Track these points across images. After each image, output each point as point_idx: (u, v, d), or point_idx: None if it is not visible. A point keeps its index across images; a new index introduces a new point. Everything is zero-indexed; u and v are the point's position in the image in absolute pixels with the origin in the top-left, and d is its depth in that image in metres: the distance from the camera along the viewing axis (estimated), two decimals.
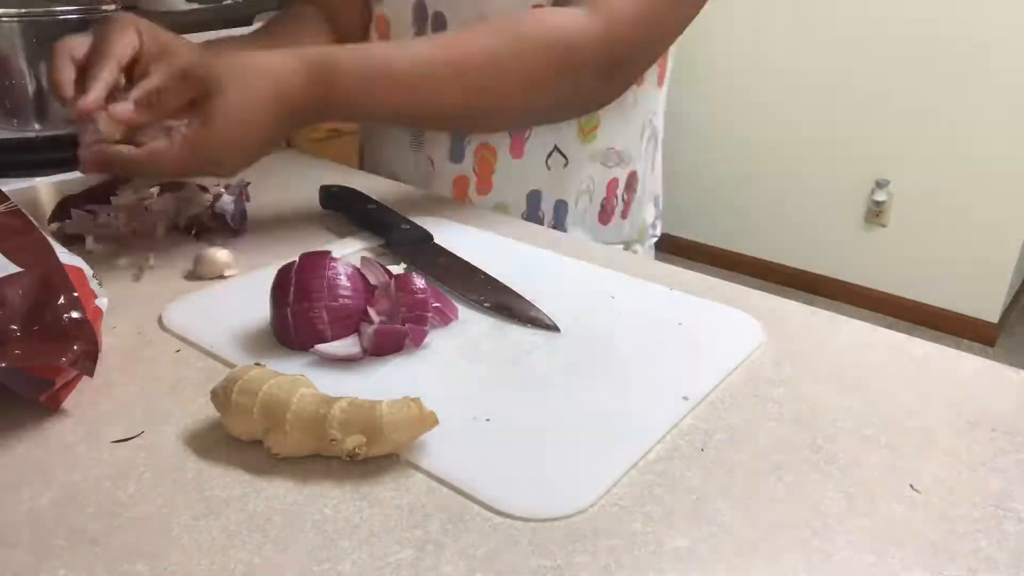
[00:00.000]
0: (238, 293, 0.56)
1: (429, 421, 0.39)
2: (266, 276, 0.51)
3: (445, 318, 0.52)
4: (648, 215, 0.89)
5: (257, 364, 0.42)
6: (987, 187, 2.55)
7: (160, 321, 0.53)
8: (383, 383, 0.46)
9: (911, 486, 0.39)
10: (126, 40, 0.59)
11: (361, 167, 0.95)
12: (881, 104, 2.64)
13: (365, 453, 0.38)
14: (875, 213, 2.78)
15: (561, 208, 0.82)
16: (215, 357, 0.48)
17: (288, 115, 0.61)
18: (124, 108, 0.55)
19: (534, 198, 0.81)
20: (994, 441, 0.43)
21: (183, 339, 0.50)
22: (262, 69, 0.59)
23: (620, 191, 0.84)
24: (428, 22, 0.77)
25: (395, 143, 0.86)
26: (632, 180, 0.85)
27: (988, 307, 2.67)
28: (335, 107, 0.63)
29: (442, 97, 0.66)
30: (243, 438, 0.40)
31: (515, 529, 0.35)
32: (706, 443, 0.42)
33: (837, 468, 0.40)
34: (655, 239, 0.93)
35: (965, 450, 0.42)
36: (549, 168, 0.80)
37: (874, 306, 2.85)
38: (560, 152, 0.80)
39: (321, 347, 0.47)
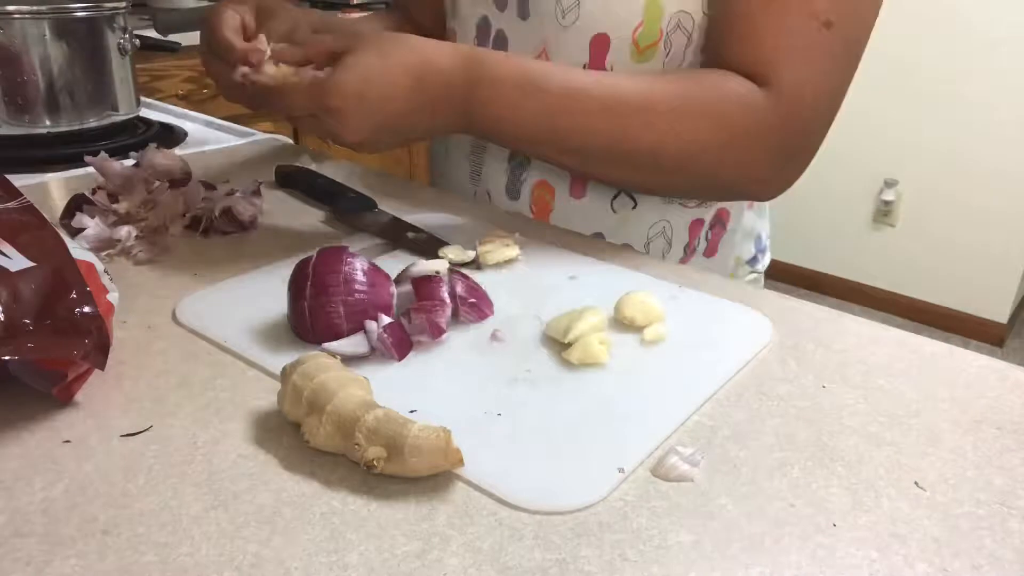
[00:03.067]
0: (250, 289, 0.57)
1: (453, 457, 0.37)
2: (276, 273, 0.51)
3: (481, 314, 0.52)
4: (744, 251, 0.81)
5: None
6: (996, 187, 2.54)
7: (174, 315, 0.53)
8: (394, 378, 0.46)
9: (916, 483, 0.39)
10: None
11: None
12: (890, 103, 2.63)
13: (381, 468, 0.37)
14: (883, 213, 2.78)
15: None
16: (228, 351, 0.49)
17: (425, 102, 0.57)
18: (280, 49, 0.60)
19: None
20: (999, 439, 0.43)
21: (197, 334, 0.51)
22: (408, 41, 0.57)
23: (704, 231, 0.76)
24: (490, 41, 0.74)
25: (457, 170, 0.83)
26: (720, 218, 0.76)
27: (997, 307, 2.66)
28: (476, 111, 0.60)
29: (592, 130, 0.61)
30: (288, 417, 0.41)
31: (520, 523, 0.36)
32: (712, 439, 0.42)
33: (842, 465, 0.40)
34: (755, 275, 0.84)
35: (971, 448, 0.42)
36: (615, 211, 0.73)
37: (882, 306, 2.84)
38: (627, 194, 0.73)
39: (328, 345, 0.47)
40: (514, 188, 0.76)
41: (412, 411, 0.42)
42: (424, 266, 0.55)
